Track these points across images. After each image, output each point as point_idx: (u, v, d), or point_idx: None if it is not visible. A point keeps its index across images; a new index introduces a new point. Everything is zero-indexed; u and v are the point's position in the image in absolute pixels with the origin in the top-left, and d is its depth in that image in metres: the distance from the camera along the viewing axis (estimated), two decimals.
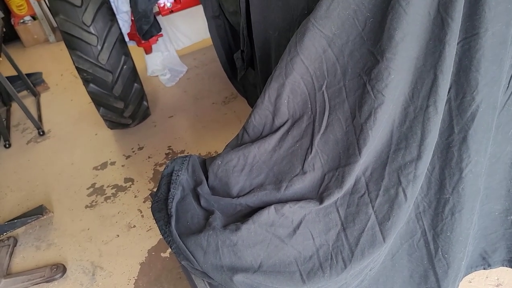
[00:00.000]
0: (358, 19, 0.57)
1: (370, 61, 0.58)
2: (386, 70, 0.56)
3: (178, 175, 0.76)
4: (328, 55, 0.62)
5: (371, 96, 0.58)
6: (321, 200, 0.66)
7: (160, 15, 1.88)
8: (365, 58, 0.59)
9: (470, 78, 0.58)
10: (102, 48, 1.54)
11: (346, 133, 0.64)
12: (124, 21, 1.73)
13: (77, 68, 1.59)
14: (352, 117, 0.62)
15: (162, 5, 1.76)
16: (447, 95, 0.61)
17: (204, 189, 0.74)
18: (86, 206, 1.56)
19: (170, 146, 1.81)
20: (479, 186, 0.68)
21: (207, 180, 0.76)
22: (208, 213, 0.72)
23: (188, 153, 1.73)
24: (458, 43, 0.57)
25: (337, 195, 0.66)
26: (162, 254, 1.29)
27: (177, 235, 0.71)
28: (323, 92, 0.64)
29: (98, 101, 1.73)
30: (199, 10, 1.72)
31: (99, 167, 1.78)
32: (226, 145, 0.79)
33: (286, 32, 0.82)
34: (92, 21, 1.49)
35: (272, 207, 0.68)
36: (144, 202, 1.52)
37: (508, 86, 0.65)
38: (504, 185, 0.78)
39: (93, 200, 1.59)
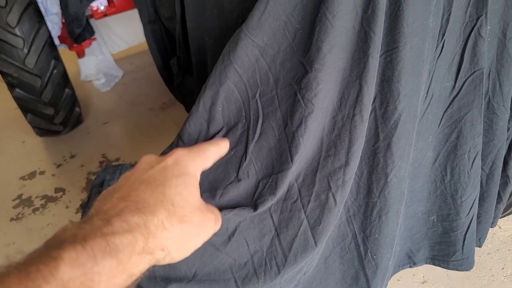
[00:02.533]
0: (288, 30, 0.59)
1: (300, 71, 0.60)
2: (315, 80, 0.58)
3: (109, 185, 0.73)
4: (260, 64, 0.63)
5: (301, 105, 0.60)
6: (255, 207, 0.67)
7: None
8: (295, 68, 0.61)
9: (392, 88, 0.62)
10: (29, 51, 1.45)
11: (279, 141, 0.65)
12: (54, 23, 1.65)
13: (1, 72, 1.49)
14: (284, 125, 0.64)
15: (95, 8, 1.70)
16: (373, 104, 0.64)
17: None
18: (12, 219, 1.46)
19: (104, 154, 1.74)
20: (403, 189, 0.72)
21: None
22: None
23: (123, 161, 1.68)
24: (381, 56, 0.61)
25: (270, 202, 0.67)
26: None
27: None
28: (256, 100, 0.65)
29: (25, 107, 1.63)
30: (135, 13, 1.68)
31: (26, 177, 1.67)
32: (161, 154, 0.78)
33: (222, 40, 0.83)
34: (18, 23, 1.41)
35: None
36: (76, 213, 1.46)
37: (426, 96, 0.70)
38: (425, 188, 0.84)
39: (20, 212, 1.49)
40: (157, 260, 0.38)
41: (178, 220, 0.39)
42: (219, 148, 0.60)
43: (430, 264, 0.94)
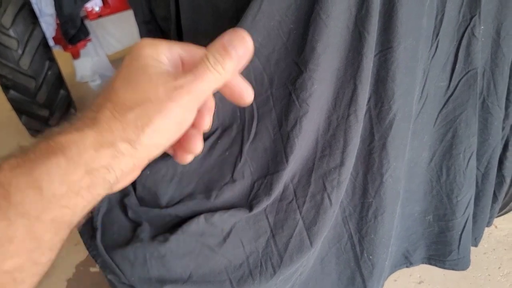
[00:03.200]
0: (282, 30, 0.59)
1: (294, 71, 0.60)
2: (310, 80, 0.58)
3: None
4: (255, 64, 0.63)
5: (296, 105, 0.60)
6: (250, 208, 0.67)
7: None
8: (290, 68, 0.61)
9: (387, 88, 0.62)
10: (23, 52, 1.44)
11: (274, 141, 0.65)
12: (49, 25, 1.64)
13: None
14: (279, 125, 0.64)
15: (89, 9, 1.69)
16: (367, 104, 0.64)
17: (131, 200, 0.72)
18: None
19: None
20: (398, 190, 0.72)
21: (135, 191, 0.74)
22: (136, 224, 0.70)
23: None
24: (375, 56, 0.60)
25: (266, 202, 0.66)
26: (91, 269, 1.23)
27: (103, 249, 0.68)
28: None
29: (20, 109, 1.62)
30: (130, 13, 1.67)
31: None
32: None
33: None
34: (12, 24, 1.40)
35: (202, 216, 0.67)
36: None
37: (421, 96, 0.70)
38: (421, 188, 0.84)
39: None
40: (125, 153, 0.35)
41: (129, 107, 0.34)
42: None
43: (426, 264, 0.94)
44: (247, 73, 0.63)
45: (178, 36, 1.10)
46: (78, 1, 1.61)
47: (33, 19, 1.50)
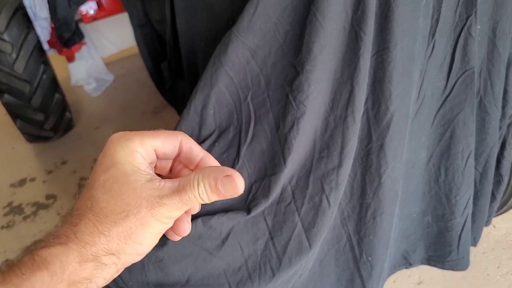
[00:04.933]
0: (278, 32, 0.59)
1: (291, 72, 0.60)
2: (307, 82, 0.58)
3: None
4: (251, 66, 0.62)
5: (293, 106, 0.60)
6: (248, 210, 0.67)
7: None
8: (286, 69, 0.60)
9: (384, 89, 0.62)
10: (17, 56, 1.44)
11: (271, 143, 0.64)
12: (43, 28, 1.64)
13: None
14: (276, 127, 0.63)
15: (84, 12, 1.68)
16: (365, 105, 0.64)
17: None
18: (2, 227, 1.44)
19: (96, 159, 1.73)
20: (397, 190, 0.72)
21: None
22: None
23: None
24: (372, 56, 0.60)
25: (264, 205, 0.66)
26: None
27: None
28: (248, 103, 0.65)
29: (14, 113, 1.62)
30: (125, 16, 1.67)
31: (17, 184, 1.65)
32: None
33: (212, 42, 0.82)
34: (6, 28, 1.40)
35: (200, 219, 0.66)
36: None
37: (418, 96, 0.70)
38: (420, 188, 0.84)
39: (10, 220, 1.47)
40: (111, 264, 0.36)
41: (113, 221, 0.34)
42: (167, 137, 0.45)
43: (426, 264, 0.94)
44: (243, 75, 0.63)
45: (174, 39, 1.10)
46: (73, 4, 1.61)
47: (28, 23, 1.49)
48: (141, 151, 0.39)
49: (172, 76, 1.22)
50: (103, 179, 0.36)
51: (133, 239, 0.36)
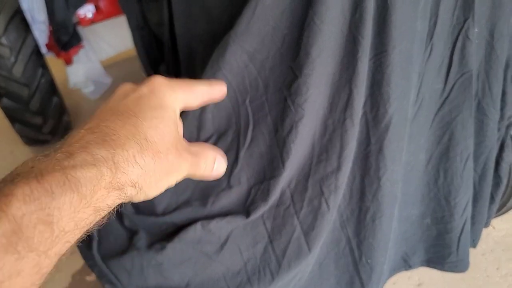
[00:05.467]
0: (276, 36, 0.59)
1: (289, 76, 0.60)
2: (305, 85, 0.58)
3: None
4: (250, 70, 0.62)
5: (291, 110, 0.60)
6: (247, 214, 0.67)
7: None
8: (285, 73, 0.60)
9: (382, 92, 0.62)
10: (16, 60, 1.44)
11: (270, 147, 0.64)
12: (41, 32, 1.63)
13: None
14: (274, 130, 0.63)
15: (82, 15, 1.68)
16: (363, 108, 0.64)
17: (127, 209, 0.71)
18: None
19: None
20: (396, 193, 0.72)
21: None
22: (132, 233, 0.69)
23: None
24: (370, 60, 0.60)
25: (263, 208, 0.66)
26: (88, 278, 1.22)
27: (100, 258, 0.68)
28: (246, 106, 0.65)
29: (13, 117, 1.62)
30: (123, 19, 1.67)
31: None
32: None
33: (210, 45, 0.82)
34: (4, 32, 1.39)
35: (199, 223, 0.66)
36: None
37: (416, 99, 0.70)
38: (419, 191, 0.84)
39: None
40: (128, 197, 0.36)
41: (152, 156, 0.36)
42: (210, 88, 0.52)
43: (425, 266, 0.93)
44: (242, 79, 0.63)
45: (172, 41, 1.10)
46: (71, 7, 1.60)
47: (26, 26, 1.49)
48: (180, 106, 0.44)
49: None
50: (151, 115, 0.38)
51: (160, 180, 0.39)
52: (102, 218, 0.35)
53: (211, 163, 0.50)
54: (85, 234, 0.34)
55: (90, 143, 0.33)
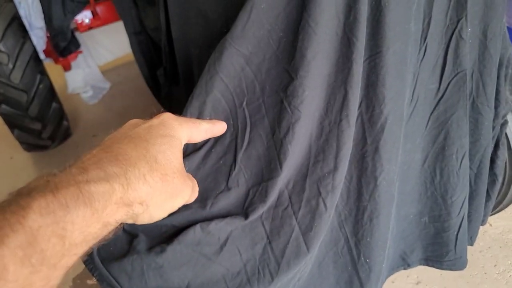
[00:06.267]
0: (272, 38, 0.60)
1: (285, 78, 0.60)
2: (301, 87, 0.58)
3: None
4: (246, 73, 0.63)
5: (288, 112, 0.61)
6: (246, 215, 0.67)
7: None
8: (281, 75, 0.61)
9: (377, 92, 0.63)
10: (14, 66, 1.44)
11: (267, 148, 0.65)
12: (39, 38, 1.64)
13: None
14: (272, 132, 0.64)
15: (79, 21, 1.69)
16: (359, 109, 0.65)
17: None
18: None
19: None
20: (393, 192, 0.72)
21: None
22: (132, 236, 0.70)
23: None
24: (365, 61, 0.61)
25: (261, 210, 0.67)
26: (89, 282, 1.23)
27: (100, 261, 0.68)
28: (243, 109, 0.66)
29: (12, 123, 1.62)
30: (120, 25, 1.68)
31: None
32: None
33: (207, 49, 0.83)
34: (2, 38, 1.40)
35: (198, 225, 0.67)
36: None
37: (411, 99, 0.71)
38: (416, 190, 0.84)
39: None
40: (135, 215, 0.37)
41: (160, 177, 0.38)
42: (212, 126, 0.58)
43: (424, 265, 0.94)
44: (238, 82, 0.64)
45: (169, 46, 1.11)
46: (68, 14, 1.61)
47: (23, 33, 1.50)
48: (186, 139, 0.48)
49: (168, 83, 1.22)
50: (160, 141, 0.41)
51: (168, 202, 0.43)
52: (108, 233, 0.35)
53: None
54: (91, 248, 0.34)
55: (103, 160, 0.35)
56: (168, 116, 0.47)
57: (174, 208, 0.46)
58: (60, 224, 0.29)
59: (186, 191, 0.46)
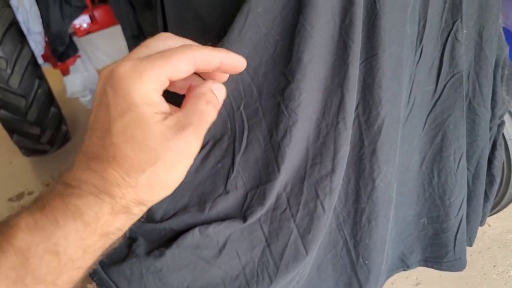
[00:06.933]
0: (269, 42, 0.60)
1: (282, 81, 0.61)
2: (297, 90, 0.59)
3: None
4: (243, 76, 0.63)
5: (285, 115, 0.61)
6: (244, 219, 0.67)
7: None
8: (278, 79, 0.61)
9: (374, 94, 0.63)
10: (12, 71, 1.45)
11: (265, 152, 0.65)
12: (37, 43, 1.65)
13: None
14: (269, 135, 0.64)
15: (77, 26, 1.70)
16: (356, 111, 0.65)
17: None
18: None
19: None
20: (391, 194, 0.73)
21: None
22: (131, 240, 0.70)
23: None
24: (361, 63, 0.62)
25: (260, 212, 0.67)
26: (88, 286, 1.22)
27: (99, 266, 0.68)
28: (241, 112, 0.66)
29: (10, 128, 1.62)
30: (119, 29, 1.68)
31: (14, 199, 1.65)
32: None
33: None
34: (0, 44, 1.40)
35: (197, 229, 0.67)
36: None
37: (408, 101, 0.71)
38: (414, 191, 0.85)
39: None
40: (140, 211, 0.36)
41: (141, 170, 0.32)
42: (211, 52, 0.40)
43: (423, 266, 0.94)
44: (236, 85, 0.64)
45: None
46: (66, 18, 1.62)
47: (21, 38, 1.50)
48: (157, 86, 0.34)
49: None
50: (121, 125, 0.33)
51: (162, 184, 0.34)
52: (116, 240, 0.35)
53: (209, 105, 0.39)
54: (100, 257, 0.34)
55: (83, 170, 0.33)
56: (120, 75, 0.33)
57: (184, 171, 0.37)
58: (51, 241, 0.29)
59: (186, 147, 0.35)
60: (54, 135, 1.74)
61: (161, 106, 0.35)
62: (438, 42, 0.70)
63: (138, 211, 0.35)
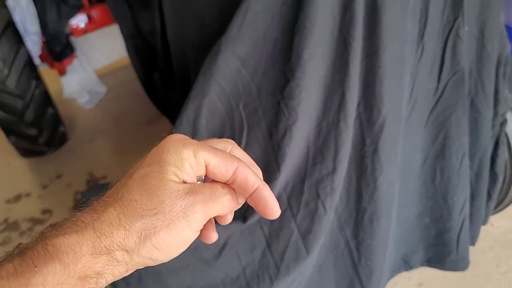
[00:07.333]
0: (268, 40, 0.59)
1: (282, 80, 0.60)
2: (297, 89, 0.58)
3: None
4: (242, 75, 0.63)
5: (285, 113, 0.60)
6: (244, 219, 0.66)
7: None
8: (277, 77, 0.60)
9: (375, 93, 0.62)
10: (9, 72, 1.43)
11: (264, 151, 0.64)
12: (34, 43, 1.63)
13: None
14: (269, 134, 0.63)
15: (75, 26, 1.68)
16: (357, 110, 0.64)
17: None
18: None
19: (91, 172, 1.72)
20: (392, 194, 0.72)
21: None
22: None
23: (110, 178, 1.65)
24: (361, 61, 0.61)
25: None
26: None
27: None
28: (240, 111, 0.65)
29: (8, 129, 1.61)
30: (116, 28, 1.67)
31: (12, 200, 1.64)
32: None
33: (203, 52, 0.82)
34: None
35: None
36: None
37: (410, 99, 0.70)
38: (416, 191, 0.84)
39: (7, 237, 1.45)
40: (122, 260, 0.34)
41: (140, 216, 0.32)
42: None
43: (425, 266, 0.93)
44: (234, 84, 0.63)
45: (164, 49, 1.10)
46: (63, 18, 1.61)
47: (18, 38, 1.49)
48: (192, 161, 0.35)
49: (164, 86, 1.22)
50: (144, 171, 0.34)
51: (153, 241, 0.33)
52: (97, 286, 0.33)
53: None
54: None
55: (85, 210, 0.32)
56: (168, 138, 0.35)
57: (180, 244, 0.37)
58: (28, 287, 0.28)
59: (194, 209, 0.35)
60: (51, 136, 1.72)
61: (187, 175, 0.35)
62: (440, 39, 0.69)
63: (121, 259, 0.34)
